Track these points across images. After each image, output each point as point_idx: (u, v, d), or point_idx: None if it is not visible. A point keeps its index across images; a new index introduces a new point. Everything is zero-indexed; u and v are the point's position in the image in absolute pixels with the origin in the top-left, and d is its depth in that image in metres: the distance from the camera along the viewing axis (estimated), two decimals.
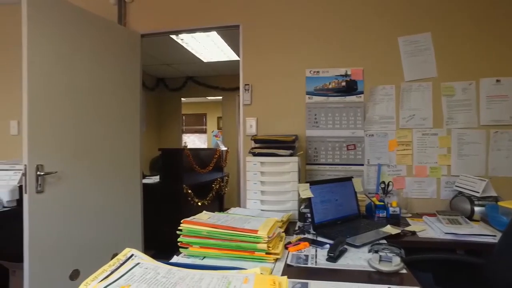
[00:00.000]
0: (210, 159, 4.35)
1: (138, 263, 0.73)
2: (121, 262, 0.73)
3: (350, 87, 2.33)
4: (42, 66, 1.92)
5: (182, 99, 6.62)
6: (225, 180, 4.93)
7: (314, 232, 1.59)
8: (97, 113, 2.28)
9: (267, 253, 1.20)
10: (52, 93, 1.97)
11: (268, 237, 1.19)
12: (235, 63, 5.18)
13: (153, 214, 2.84)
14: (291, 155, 1.91)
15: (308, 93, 2.40)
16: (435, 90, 2.25)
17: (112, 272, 0.67)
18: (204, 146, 9.10)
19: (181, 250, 1.26)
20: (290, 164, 1.88)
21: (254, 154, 1.94)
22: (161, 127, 6.52)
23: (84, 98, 2.18)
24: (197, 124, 9.42)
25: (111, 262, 0.72)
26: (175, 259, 1.20)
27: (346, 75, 2.33)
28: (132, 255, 0.77)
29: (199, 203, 3.82)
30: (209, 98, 7.49)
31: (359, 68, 2.32)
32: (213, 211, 4.76)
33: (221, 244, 1.23)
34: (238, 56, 4.72)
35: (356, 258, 1.22)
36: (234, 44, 4.26)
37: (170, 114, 6.52)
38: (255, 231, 1.21)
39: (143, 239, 2.72)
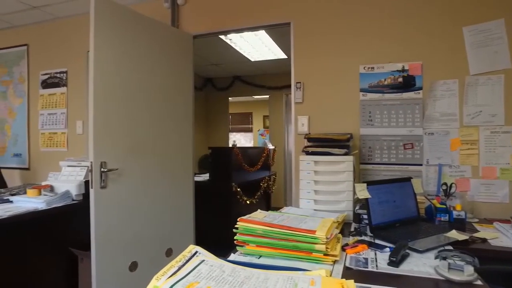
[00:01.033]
0: (258, 158, 4.38)
1: (203, 260, 0.75)
2: (187, 258, 0.75)
3: (407, 83, 2.21)
4: (105, 70, 2.04)
5: (229, 98, 6.75)
6: (272, 179, 4.94)
7: (372, 234, 1.53)
8: (153, 114, 2.39)
9: (325, 255, 1.17)
10: (113, 96, 2.10)
11: (326, 238, 1.17)
12: (282, 62, 5.19)
13: (202, 211, 2.92)
14: (345, 154, 1.86)
15: (362, 90, 2.31)
16: (508, 83, 2.04)
17: (179, 268, 0.69)
18: (249, 144, 9.19)
19: (237, 248, 1.27)
20: (345, 163, 1.83)
21: (308, 153, 1.91)
22: (208, 126, 6.70)
23: (141, 99, 2.30)
24: (243, 123, 9.52)
25: (178, 258, 0.74)
26: (232, 257, 1.22)
27: (403, 70, 2.21)
28: (196, 252, 0.79)
29: (248, 202, 3.85)
30: (255, 97, 7.55)
31: (417, 63, 2.19)
32: (263, 210, 4.80)
33: (277, 243, 1.22)
34: (286, 54, 4.74)
35: (421, 264, 1.15)
36: (282, 43, 4.25)
37: (217, 113, 6.68)
38: (313, 232, 1.18)
39: (194, 235, 2.80)
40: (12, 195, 2.55)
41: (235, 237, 1.28)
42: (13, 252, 2.24)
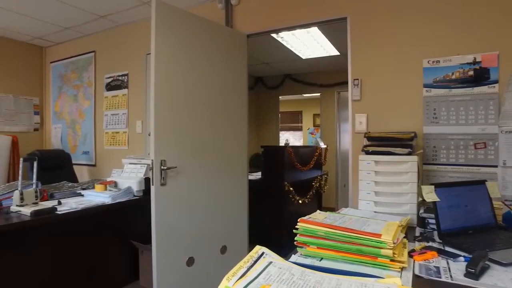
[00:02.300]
0: (310, 157, 4.30)
1: (271, 262, 0.73)
2: (254, 259, 0.74)
3: (479, 76, 2.01)
4: (165, 71, 2.13)
5: (280, 97, 6.72)
6: (324, 179, 4.83)
7: (440, 241, 1.41)
8: (210, 113, 2.45)
9: (391, 260, 1.10)
10: (173, 96, 2.19)
11: (393, 243, 1.10)
12: (334, 58, 5.05)
13: (255, 209, 2.93)
14: (409, 153, 1.74)
15: (426, 85, 2.16)
16: None
17: (248, 269, 0.69)
18: (299, 143, 9.09)
19: (298, 249, 1.24)
20: (408, 164, 1.72)
21: (368, 153, 1.82)
22: (259, 125, 6.74)
23: (198, 99, 2.36)
24: (292, 121, 9.45)
25: (245, 259, 0.74)
26: (293, 258, 1.19)
27: (474, 62, 2.02)
28: (263, 253, 0.78)
29: (300, 201, 3.81)
30: (305, 95, 7.45)
31: (493, 53, 1.98)
32: (313, 210, 4.70)
33: (339, 246, 1.17)
34: (339, 51, 4.59)
35: (507, 280, 1.03)
36: (335, 39, 4.13)
37: (268, 112, 6.69)
38: (378, 235, 1.12)
39: (248, 234, 2.82)
40: (83, 189, 2.77)
41: (295, 238, 1.25)
42: (84, 240, 2.43)
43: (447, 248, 1.32)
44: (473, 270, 1.04)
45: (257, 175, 3.96)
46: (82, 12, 3.35)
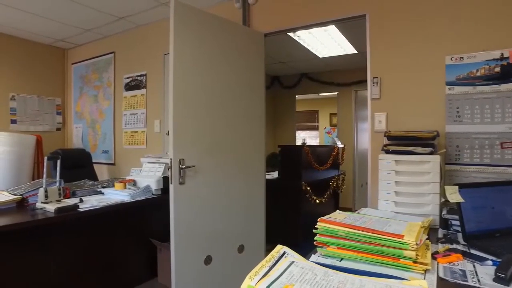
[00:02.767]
0: (327, 156, 4.27)
1: (293, 262, 0.73)
2: (276, 258, 0.73)
3: (507, 73, 1.94)
4: (184, 72, 2.15)
5: (296, 96, 6.69)
6: (341, 178, 4.78)
7: (465, 243, 1.37)
8: (228, 112, 2.46)
9: (414, 262, 1.07)
10: (191, 96, 2.20)
11: (416, 244, 1.07)
12: (352, 57, 4.98)
13: (272, 209, 2.92)
14: (431, 153, 1.70)
15: (448, 83, 2.10)
16: None
17: (270, 268, 0.68)
18: (315, 143, 9.02)
19: (318, 249, 1.23)
20: (430, 164, 1.67)
21: (388, 152, 1.79)
22: (275, 125, 6.72)
23: (215, 99, 2.37)
24: (308, 121, 9.38)
25: (267, 258, 0.73)
26: (313, 258, 1.18)
27: (501, 58, 1.95)
28: (284, 253, 0.77)
29: (317, 201, 3.77)
30: (321, 94, 7.39)
31: None
32: (330, 210, 4.66)
33: (360, 246, 1.15)
34: (356, 49, 4.53)
35: None
36: (353, 37, 4.07)
37: (284, 111, 6.67)
38: (401, 236, 1.09)
39: (265, 233, 2.82)
40: (103, 187, 2.83)
41: (315, 238, 1.24)
42: (104, 237, 2.48)
43: (473, 251, 1.28)
44: (503, 275, 1.00)
45: (273, 175, 3.95)
46: (102, 14, 3.42)
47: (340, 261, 1.16)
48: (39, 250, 2.10)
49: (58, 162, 2.39)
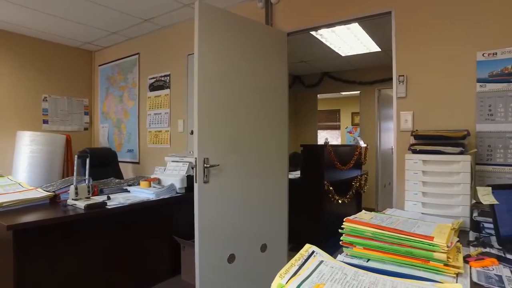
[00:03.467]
0: (350, 156, 4.21)
1: (322, 261, 0.72)
2: (305, 257, 0.73)
3: None
4: (208, 72, 2.17)
5: (318, 95, 6.63)
6: (364, 178, 4.70)
7: (500, 247, 1.32)
8: (251, 112, 2.47)
9: (445, 265, 1.04)
10: (215, 95, 2.22)
11: (447, 247, 1.04)
12: (375, 55, 4.89)
13: (293, 208, 2.91)
14: (461, 153, 1.64)
15: (480, 80, 2.02)
16: None
17: (300, 267, 0.68)
18: (336, 142, 8.91)
19: (344, 249, 1.22)
20: (460, 164, 1.62)
21: (415, 151, 1.75)
22: (297, 124, 6.69)
23: (239, 98, 2.39)
24: (329, 120, 9.28)
25: (296, 257, 0.73)
26: (339, 258, 1.17)
27: None
28: (313, 252, 0.77)
29: (339, 201, 3.73)
30: (343, 93, 7.29)
31: None
32: (353, 210, 4.61)
33: (387, 247, 1.13)
34: (380, 47, 4.44)
35: None
36: (376, 35, 4.00)
37: (306, 110, 6.63)
38: (431, 238, 1.07)
39: (288, 232, 2.81)
40: (129, 185, 2.90)
41: (341, 238, 1.22)
42: (129, 233, 2.55)
43: (509, 256, 1.23)
44: None
45: (295, 174, 3.93)
46: (128, 17, 3.51)
47: (367, 261, 1.14)
48: (69, 244, 2.18)
49: (87, 160, 2.47)
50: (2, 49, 3.97)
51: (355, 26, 3.73)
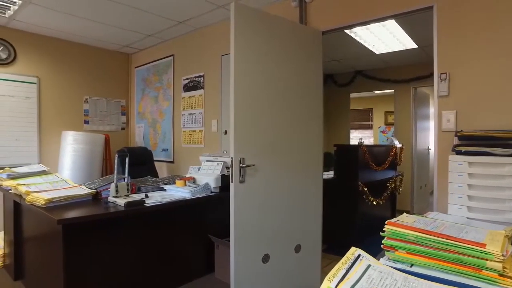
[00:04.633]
0: (385, 156, 4.09)
1: (370, 265, 0.71)
2: (351, 261, 0.72)
3: None
4: (244, 72, 2.19)
5: (350, 94, 6.50)
6: (399, 179, 4.55)
7: None
8: (285, 112, 2.46)
9: (500, 275, 0.98)
10: (250, 95, 2.23)
11: (503, 255, 0.98)
12: (411, 52, 4.72)
13: (327, 208, 2.86)
14: None
15: None
16: None
17: (347, 271, 0.67)
18: (368, 142, 8.69)
19: (386, 253, 1.18)
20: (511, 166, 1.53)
21: (460, 153, 1.67)
22: (329, 124, 6.59)
23: (274, 98, 2.38)
24: (362, 119, 9.07)
25: (343, 260, 0.72)
26: (381, 262, 1.14)
27: None
28: (359, 255, 0.75)
29: (374, 202, 3.64)
30: (376, 92, 7.10)
31: None
32: (387, 212, 4.45)
33: (433, 253, 1.08)
34: (417, 43, 4.28)
35: None
36: (413, 31, 3.86)
37: (338, 110, 6.52)
38: (482, 245, 1.01)
39: (322, 233, 2.77)
40: (165, 184, 2.98)
41: (382, 241, 1.19)
42: (165, 231, 2.62)
43: None
44: None
45: (328, 174, 3.88)
46: (163, 19, 3.61)
47: (411, 266, 1.11)
48: (108, 239, 2.28)
49: (127, 159, 2.57)
50: (48, 55, 4.22)
51: (391, 23, 3.62)
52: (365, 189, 3.51)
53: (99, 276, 2.20)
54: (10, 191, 2.70)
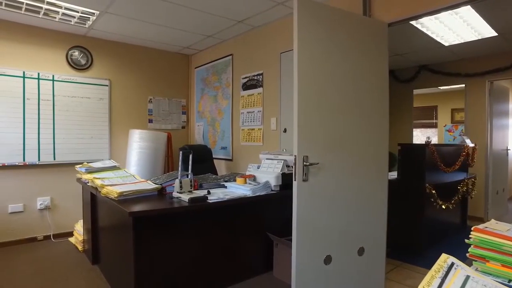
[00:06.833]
0: (455, 157, 3.77)
1: (469, 276, 0.63)
2: (445, 270, 0.65)
3: None
4: (307, 69, 2.14)
5: (414, 90, 6.10)
6: (471, 182, 4.17)
7: None
8: (349, 109, 2.37)
9: None
10: (313, 93, 2.18)
11: None
12: (488, 41, 4.27)
13: (391, 211, 2.70)
14: None
15: None
16: None
17: (442, 280, 0.60)
18: (432, 142, 8.10)
19: (474, 264, 1.07)
20: None
21: None
22: (390, 122, 6.24)
23: (338, 95, 2.31)
24: (424, 117, 8.48)
25: (435, 268, 0.66)
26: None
27: None
28: (453, 264, 0.68)
29: (443, 206, 3.37)
30: (441, 88, 6.59)
31: None
32: (457, 217, 4.11)
33: None
34: (497, 31, 3.87)
35: None
36: (494, 17, 3.49)
37: (400, 107, 6.16)
38: None
39: (386, 237, 2.63)
40: (225, 181, 3.05)
41: (469, 250, 1.08)
42: (225, 227, 2.67)
43: None
44: None
45: (391, 175, 3.67)
46: (222, 19, 3.69)
47: (509, 282, 0.99)
48: (172, 233, 2.38)
49: (190, 156, 2.67)
50: (118, 59, 4.55)
51: (465, 10, 3.32)
52: (433, 191, 3.27)
53: (164, 267, 2.32)
54: (87, 184, 2.95)
